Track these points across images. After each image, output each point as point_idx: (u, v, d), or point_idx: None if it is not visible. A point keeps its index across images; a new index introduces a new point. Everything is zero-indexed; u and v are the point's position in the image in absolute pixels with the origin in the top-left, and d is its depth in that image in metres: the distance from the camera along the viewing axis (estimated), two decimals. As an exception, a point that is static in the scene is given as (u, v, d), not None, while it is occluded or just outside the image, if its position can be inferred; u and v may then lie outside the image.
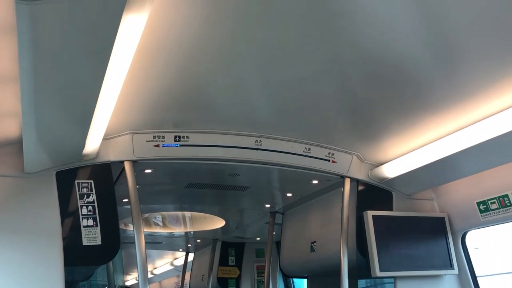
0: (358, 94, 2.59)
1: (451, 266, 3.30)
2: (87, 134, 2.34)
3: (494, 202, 3.05)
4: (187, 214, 5.35)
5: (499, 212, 3.02)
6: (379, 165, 3.31)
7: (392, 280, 3.25)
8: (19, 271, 2.58)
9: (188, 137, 2.91)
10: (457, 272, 3.32)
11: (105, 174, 2.82)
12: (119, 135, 2.82)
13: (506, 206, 2.97)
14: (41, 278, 2.59)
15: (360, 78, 2.39)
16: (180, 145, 2.90)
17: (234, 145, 3.01)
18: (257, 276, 5.85)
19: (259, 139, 3.06)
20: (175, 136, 2.90)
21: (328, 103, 2.68)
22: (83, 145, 2.51)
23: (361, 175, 3.36)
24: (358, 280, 3.28)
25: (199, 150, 2.94)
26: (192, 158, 2.97)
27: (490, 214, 3.08)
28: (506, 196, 2.97)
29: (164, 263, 8.78)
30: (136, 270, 2.73)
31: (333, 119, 2.91)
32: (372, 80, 2.39)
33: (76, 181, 2.77)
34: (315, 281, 4.43)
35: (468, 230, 3.39)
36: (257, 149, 3.06)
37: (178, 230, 5.92)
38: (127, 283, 10.77)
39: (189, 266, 7.11)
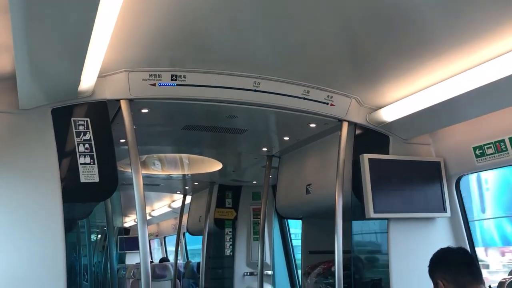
0: (359, 36, 2.53)
1: (444, 209, 3.36)
2: (81, 70, 2.29)
3: (490, 147, 3.06)
4: (185, 156, 5.38)
5: (494, 157, 3.04)
6: (377, 109, 3.30)
7: (386, 221, 3.32)
8: (18, 208, 2.61)
9: (185, 77, 2.87)
10: (450, 215, 3.39)
11: (102, 112, 2.80)
12: (115, 73, 2.76)
13: (502, 151, 2.98)
14: (40, 215, 2.63)
15: (361, 19, 2.32)
16: (177, 85, 2.86)
17: (231, 86, 2.97)
18: (253, 218, 5.97)
19: (257, 80, 3.01)
20: (172, 75, 2.85)
21: (328, 45, 2.62)
22: (78, 81, 2.46)
23: (359, 119, 3.35)
24: (352, 221, 3.34)
25: (196, 90, 2.90)
26: (188, 98, 2.93)
27: (485, 159, 3.10)
28: (503, 141, 2.98)
29: (162, 205, 8.95)
30: (134, 212, 2.76)
31: (333, 61, 2.85)
32: (373, 22, 2.33)
33: (72, 119, 2.75)
34: (310, 222, 4.54)
35: (463, 175, 3.43)
36: (255, 90, 3.02)
37: (176, 173, 5.98)
38: (127, 225, 11.04)
39: (186, 208, 7.24)
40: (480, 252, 4.70)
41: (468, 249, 3.38)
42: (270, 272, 5.59)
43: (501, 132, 2.98)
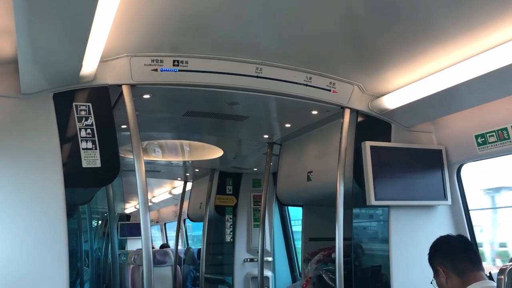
0: (362, 22, 2.51)
1: (444, 197, 3.37)
2: (83, 54, 2.28)
3: (493, 135, 3.06)
4: (186, 143, 5.38)
5: (496, 145, 3.04)
6: (379, 96, 3.28)
7: (387, 209, 3.33)
8: (20, 193, 2.62)
9: (187, 62, 2.85)
10: (450, 203, 3.40)
11: (103, 97, 2.79)
12: (117, 58, 2.75)
13: (505, 139, 2.98)
14: (42, 199, 2.63)
15: (364, 6, 2.30)
16: (179, 70, 2.85)
17: (234, 72, 2.95)
18: (254, 205, 5.99)
19: (259, 66, 2.99)
20: (174, 61, 2.84)
21: (331, 32, 2.61)
22: (79, 66, 2.45)
23: (361, 106, 3.34)
24: (353, 208, 3.35)
25: (198, 76, 2.89)
26: (190, 84, 2.92)
27: (487, 147, 3.10)
28: (505, 129, 2.97)
29: (163, 191, 8.98)
30: (135, 198, 2.76)
31: (335, 48, 2.83)
32: (376, 9, 2.31)
33: (74, 104, 2.74)
34: (310, 209, 4.55)
35: (464, 163, 3.43)
36: (257, 77, 3.01)
37: (177, 159, 5.98)
38: (127, 211, 11.09)
39: (187, 195, 7.27)
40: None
41: (469, 237, 3.40)
42: (270, 259, 5.63)
43: (503, 120, 2.97)
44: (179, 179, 7.41)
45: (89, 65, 2.54)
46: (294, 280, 5.72)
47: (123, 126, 3.03)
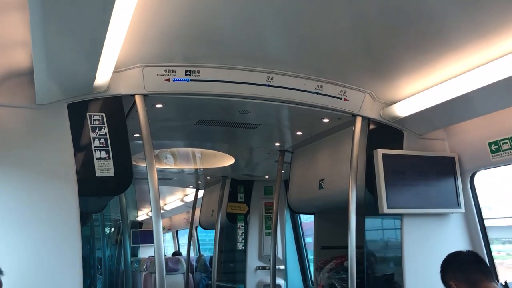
0: (373, 30, 2.52)
1: (458, 205, 3.34)
2: (97, 65, 2.32)
3: (507, 143, 3.03)
4: (197, 151, 5.40)
5: (510, 152, 3.01)
6: (391, 104, 3.28)
7: (399, 216, 3.31)
8: (35, 202, 2.65)
9: (199, 72, 2.88)
10: (464, 211, 3.37)
11: (117, 107, 2.83)
12: (130, 68, 2.79)
13: (519, 146, 2.95)
14: (57, 208, 2.67)
15: (375, 13, 2.31)
16: (191, 80, 2.87)
17: (245, 81, 2.98)
18: (265, 213, 5.99)
19: (270, 75, 3.01)
20: (186, 71, 2.87)
21: (342, 40, 2.61)
22: (93, 76, 2.49)
23: (373, 114, 3.33)
24: (366, 217, 3.33)
25: (210, 85, 2.91)
26: (202, 93, 2.94)
27: (501, 154, 3.07)
28: (519, 136, 2.95)
29: (175, 199, 9.01)
30: (147, 206, 2.79)
31: (346, 56, 2.84)
32: (387, 15, 2.32)
33: (88, 114, 2.78)
34: (322, 217, 4.54)
35: (478, 170, 3.40)
36: (268, 85, 3.03)
37: (189, 167, 6.01)
38: (139, 219, 11.15)
39: (198, 203, 7.28)
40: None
41: (483, 245, 3.37)
42: (282, 267, 5.61)
43: (517, 128, 2.95)
44: (191, 186, 7.43)
45: (103, 76, 2.58)
46: (306, 288, 5.69)
47: (136, 135, 3.06)
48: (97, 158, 2.75)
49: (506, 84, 2.50)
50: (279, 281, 5.41)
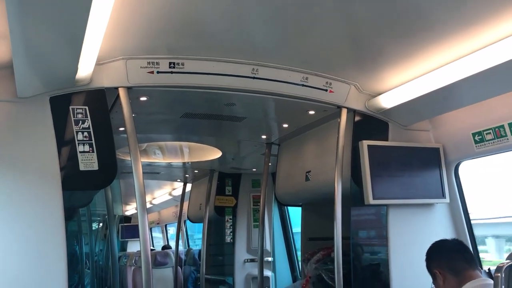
0: (358, 21, 2.51)
1: (443, 195, 3.37)
2: (78, 57, 2.28)
3: (490, 133, 3.06)
4: (185, 144, 5.38)
5: (494, 142, 3.04)
6: (376, 95, 3.29)
7: (385, 207, 3.33)
8: (18, 197, 2.62)
9: (183, 64, 2.85)
10: (449, 201, 3.40)
11: (100, 100, 2.80)
12: (113, 60, 2.75)
13: (502, 136, 2.98)
14: (40, 203, 2.64)
15: (361, 4, 2.30)
16: (175, 72, 2.85)
17: (230, 73, 2.96)
18: (253, 205, 6.00)
19: (255, 67, 3.00)
20: (170, 63, 2.84)
21: (327, 31, 2.60)
22: (75, 69, 2.45)
23: (358, 106, 3.34)
24: (352, 208, 3.35)
25: (194, 77, 2.89)
26: (187, 86, 2.92)
27: (485, 144, 3.10)
28: (502, 126, 2.97)
29: (163, 193, 8.98)
30: (135, 200, 2.77)
31: (332, 48, 2.83)
32: (372, 6, 2.31)
33: (70, 107, 2.74)
34: (310, 209, 4.56)
35: (462, 161, 3.43)
36: (253, 77, 3.01)
37: (176, 161, 5.99)
38: (128, 213, 11.11)
39: (186, 196, 7.27)
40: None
41: (467, 234, 3.41)
42: (270, 259, 5.64)
43: (500, 118, 2.97)
44: (178, 180, 7.42)
45: (85, 68, 2.55)
46: (294, 280, 5.72)
47: (121, 129, 3.03)
48: (80, 152, 2.72)
49: (489, 74, 2.51)
50: (267, 273, 5.43)
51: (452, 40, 2.52)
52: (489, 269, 2.74)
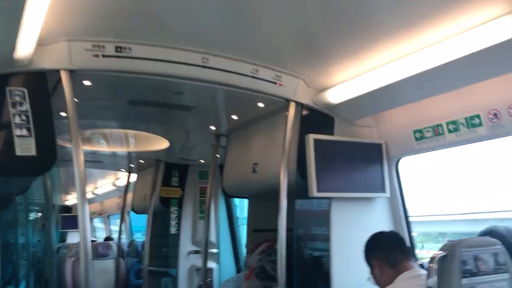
0: (308, 15, 2.53)
1: (383, 190, 3.50)
2: (16, 35, 2.16)
3: (429, 131, 3.20)
4: (131, 133, 5.25)
5: (432, 140, 3.18)
6: (324, 90, 3.34)
7: (328, 200, 3.41)
8: None
9: (130, 49, 2.77)
10: (389, 195, 3.53)
11: (40, 83, 2.65)
12: (55, 42, 2.62)
13: (439, 134, 3.13)
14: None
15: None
16: (122, 57, 2.76)
17: (179, 60, 2.90)
18: (200, 197, 5.96)
19: (206, 56, 2.96)
20: (116, 47, 2.75)
21: (278, 23, 2.62)
22: (13, 48, 2.32)
23: (306, 100, 3.38)
24: (296, 199, 3.40)
25: (141, 63, 2.81)
26: (134, 71, 2.84)
27: (424, 141, 3.24)
28: (440, 125, 3.12)
29: (106, 183, 8.73)
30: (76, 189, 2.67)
31: (282, 41, 2.85)
32: (322, 2, 2.34)
33: (7, 88, 2.59)
34: (256, 201, 4.58)
35: (402, 157, 3.57)
36: (203, 66, 2.98)
37: (121, 150, 5.83)
38: (69, 203, 10.71)
39: (131, 187, 7.11)
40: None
41: (405, 226, 3.56)
42: (215, 251, 5.63)
43: (439, 117, 3.11)
44: (123, 170, 7.23)
45: (25, 48, 2.41)
46: (238, 271, 5.75)
47: (63, 114, 2.90)
48: (17, 136, 2.57)
49: (430, 74, 2.62)
50: (212, 264, 5.42)
51: (396, 39, 2.60)
52: (422, 264, 2.86)
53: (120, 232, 7.54)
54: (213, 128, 4.35)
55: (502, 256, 1.91)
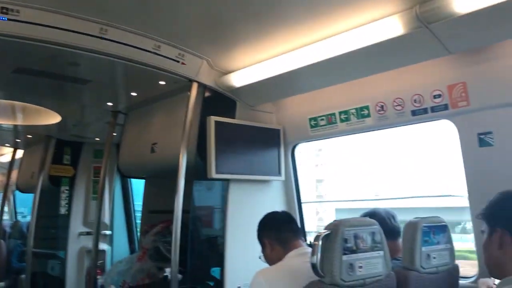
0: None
1: (279, 173, 3.63)
2: None
3: (323, 119, 3.37)
4: (18, 105, 4.80)
5: (326, 128, 3.36)
6: (227, 73, 3.35)
7: (227, 181, 3.45)
8: None
9: (18, 11, 2.52)
10: (284, 179, 3.67)
11: None
12: None
13: (332, 123, 3.31)
14: None
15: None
16: (8, 19, 2.50)
17: (74, 29, 2.70)
18: (94, 177, 5.69)
19: (104, 27, 2.80)
20: (2, 8, 2.48)
21: (183, 1, 2.55)
22: None
23: (209, 81, 3.37)
24: (195, 181, 3.39)
25: (31, 28, 2.57)
26: (21, 36, 2.59)
27: (318, 129, 3.42)
28: (333, 114, 3.31)
29: (-13, 159, 7.96)
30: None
31: (186, 18, 2.78)
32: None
33: None
34: (153, 182, 4.49)
35: (299, 143, 3.73)
36: (102, 38, 2.81)
37: (6, 123, 5.32)
38: None
39: (16, 164, 6.57)
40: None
41: (297, 208, 3.73)
42: (108, 232, 5.44)
43: (332, 106, 3.30)
44: (7, 145, 6.64)
45: None
46: (132, 252, 5.62)
47: None
48: None
49: (326, 64, 2.74)
50: (104, 246, 5.24)
51: (298, 28, 2.68)
52: (310, 242, 3.03)
53: (1, 212, 6.94)
54: (110, 104, 4.15)
55: (378, 235, 2.09)
